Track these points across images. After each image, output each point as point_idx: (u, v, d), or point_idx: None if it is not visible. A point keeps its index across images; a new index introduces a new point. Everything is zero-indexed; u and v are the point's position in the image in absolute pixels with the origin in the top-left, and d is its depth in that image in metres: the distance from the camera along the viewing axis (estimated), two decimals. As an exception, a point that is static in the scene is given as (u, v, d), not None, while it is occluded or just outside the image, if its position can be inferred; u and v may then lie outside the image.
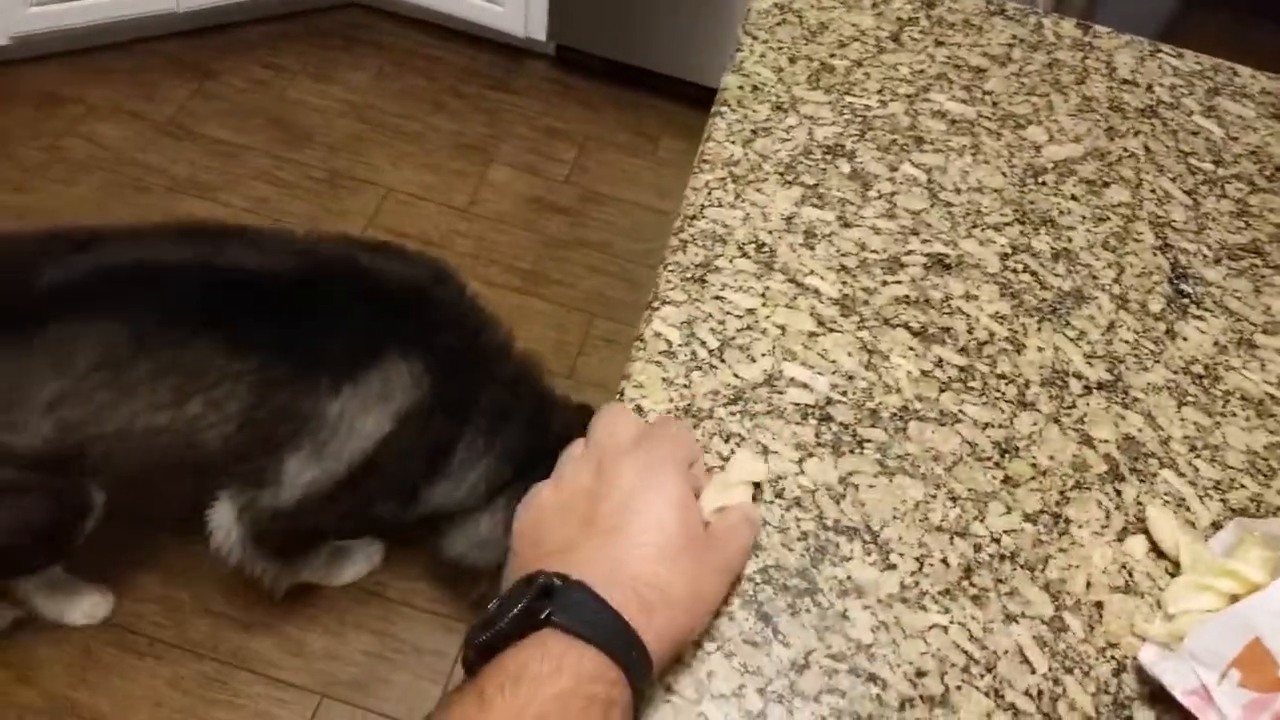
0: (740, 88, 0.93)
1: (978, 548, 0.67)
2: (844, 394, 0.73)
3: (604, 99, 2.69)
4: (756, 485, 0.66)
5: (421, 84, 2.59)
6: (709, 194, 0.84)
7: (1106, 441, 0.72)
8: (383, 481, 1.32)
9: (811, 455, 0.70)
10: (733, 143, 0.89)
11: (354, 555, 1.64)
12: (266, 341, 1.19)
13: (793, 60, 0.96)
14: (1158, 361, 0.78)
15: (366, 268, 1.31)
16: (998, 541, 0.67)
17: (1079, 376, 0.76)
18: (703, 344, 0.75)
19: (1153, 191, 0.90)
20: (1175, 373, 0.77)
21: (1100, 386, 0.76)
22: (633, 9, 2.52)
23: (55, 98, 2.39)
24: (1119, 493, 0.70)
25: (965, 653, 0.62)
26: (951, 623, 0.63)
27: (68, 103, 2.39)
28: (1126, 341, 0.79)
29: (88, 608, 1.54)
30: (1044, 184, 0.89)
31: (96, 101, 2.40)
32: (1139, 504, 0.69)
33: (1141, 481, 0.71)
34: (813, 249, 0.81)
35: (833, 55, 0.97)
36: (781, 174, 0.87)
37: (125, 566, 1.63)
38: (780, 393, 0.72)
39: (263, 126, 2.43)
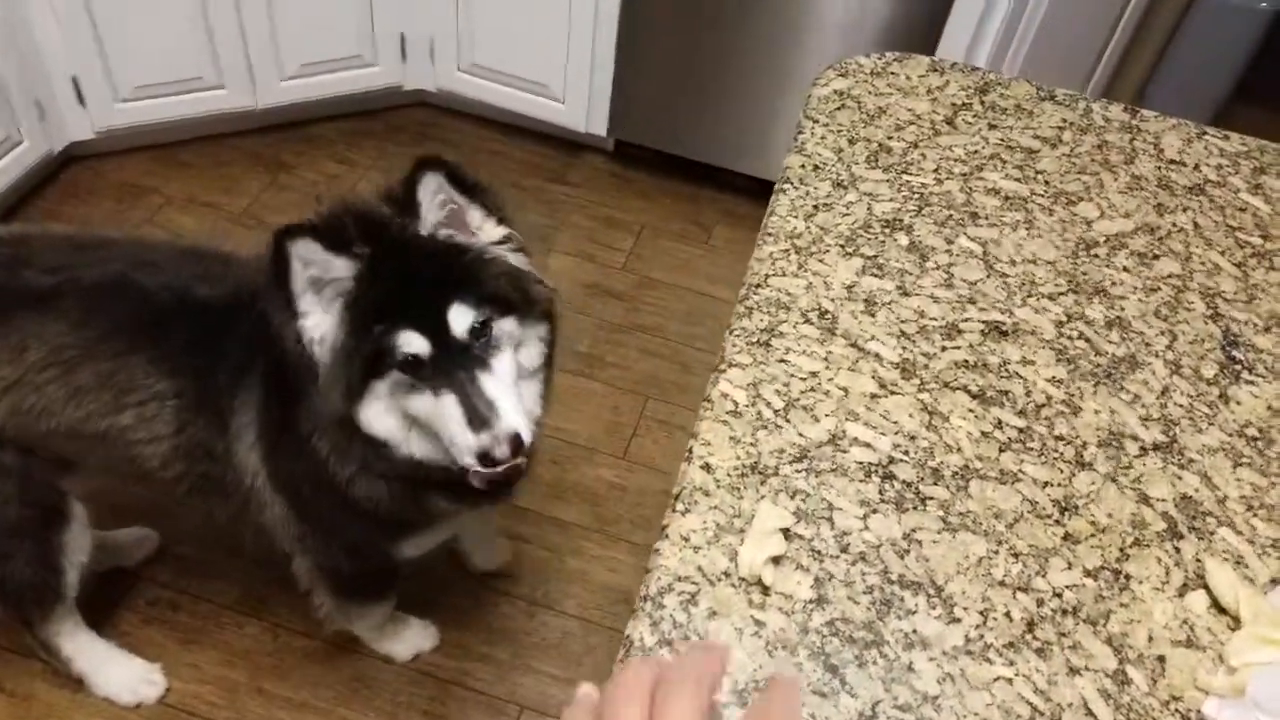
0: (802, 166, 0.98)
1: (1040, 602, 0.68)
2: (906, 453, 0.76)
3: (660, 190, 2.78)
4: (785, 531, 0.70)
5: (486, 177, 2.70)
6: (773, 264, 0.89)
7: (1164, 500, 0.74)
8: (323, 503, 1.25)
9: (875, 511, 0.72)
10: (795, 217, 0.93)
11: (409, 631, 1.66)
12: (188, 368, 1.19)
13: (852, 142, 1.01)
14: (1212, 424, 0.79)
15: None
16: (1060, 596, 0.68)
17: (1135, 438, 0.78)
18: (768, 404, 0.78)
19: (1202, 264, 0.93)
20: (1230, 435, 0.79)
21: (1156, 448, 0.77)
22: (688, 105, 2.63)
23: (137, 189, 2.52)
24: (1178, 549, 0.71)
25: (1030, 704, 0.63)
26: (1016, 675, 0.64)
27: (148, 194, 2.52)
28: (1181, 405, 0.81)
29: (136, 683, 1.56)
30: (1096, 256, 0.93)
31: (175, 193, 2.53)
32: (1198, 561, 0.71)
33: (1200, 539, 0.72)
34: (873, 315, 0.85)
35: (890, 137, 1.02)
36: (842, 246, 0.91)
37: (180, 646, 1.66)
38: (844, 451, 0.75)
39: (333, 216, 2.53)
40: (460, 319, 0.98)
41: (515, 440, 0.98)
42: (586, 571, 1.81)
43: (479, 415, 0.99)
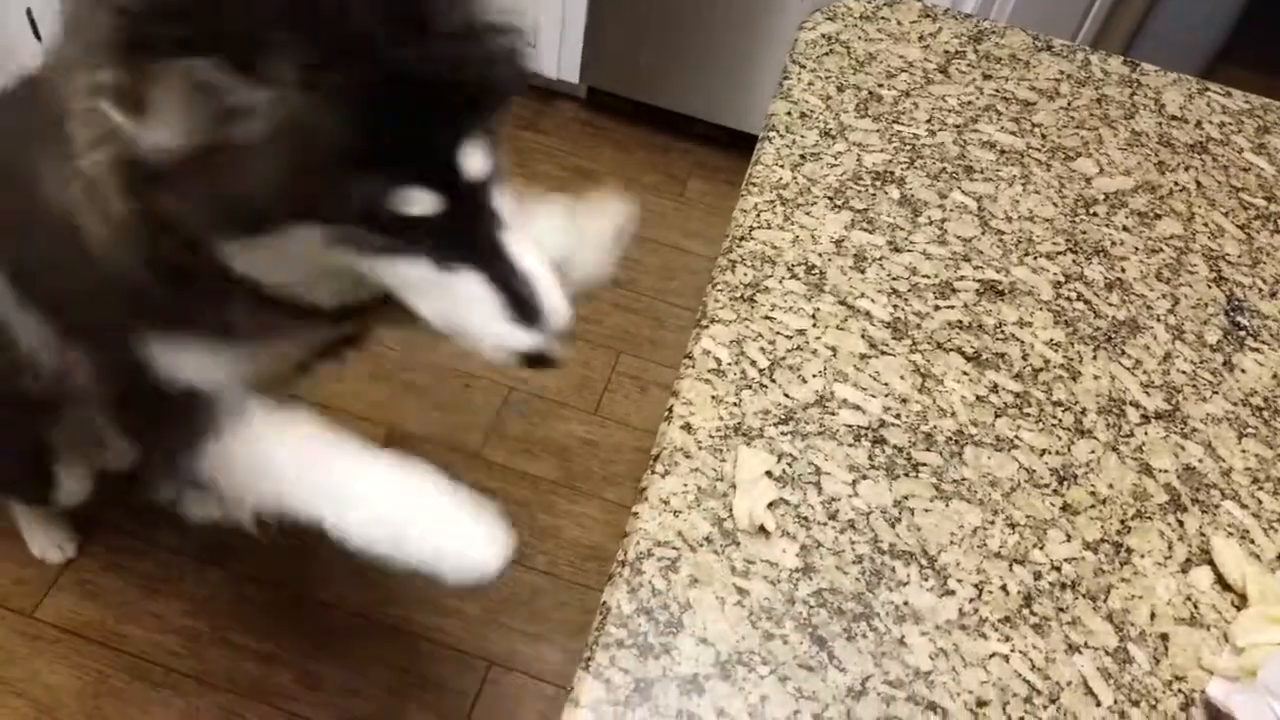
0: (788, 114, 0.93)
1: (1038, 575, 0.65)
2: (897, 417, 0.72)
3: (633, 140, 2.71)
4: (768, 473, 0.67)
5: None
6: (757, 216, 0.84)
7: (1166, 471, 0.71)
8: None
9: (865, 478, 0.68)
10: (781, 167, 0.88)
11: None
12: None
13: (840, 89, 0.96)
14: (1216, 393, 0.76)
15: None
16: (1058, 570, 0.65)
17: (1136, 405, 0.74)
18: (752, 363, 0.73)
19: (1205, 225, 0.89)
20: (1234, 404, 0.75)
21: (1158, 416, 0.74)
22: (663, 53, 2.55)
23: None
24: (1181, 523, 0.68)
25: (1028, 683, 0.60)
26: (1013, 651, 0.61)
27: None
28: (1184, 372, 0.77)
29: (48, 546, 1.59)
30: (1095, 215, 0.88)
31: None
32: (1202, 535, 0.68)
33: (1204, 512, 0.69)
34: (863, 272, 0.81)
35: (880, 85, 0.97)
36: (830, 198, 0.86)
37: (143, 594, 1.61)
38: (832, 414, 0.71)
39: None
40: (475, 159, 0.66)
41: (570, 332, 0.71)
42: (558, 527, 1.77)
43: (524, 302, 0.69)
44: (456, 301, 0.70)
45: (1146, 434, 0.73)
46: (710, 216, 2.51)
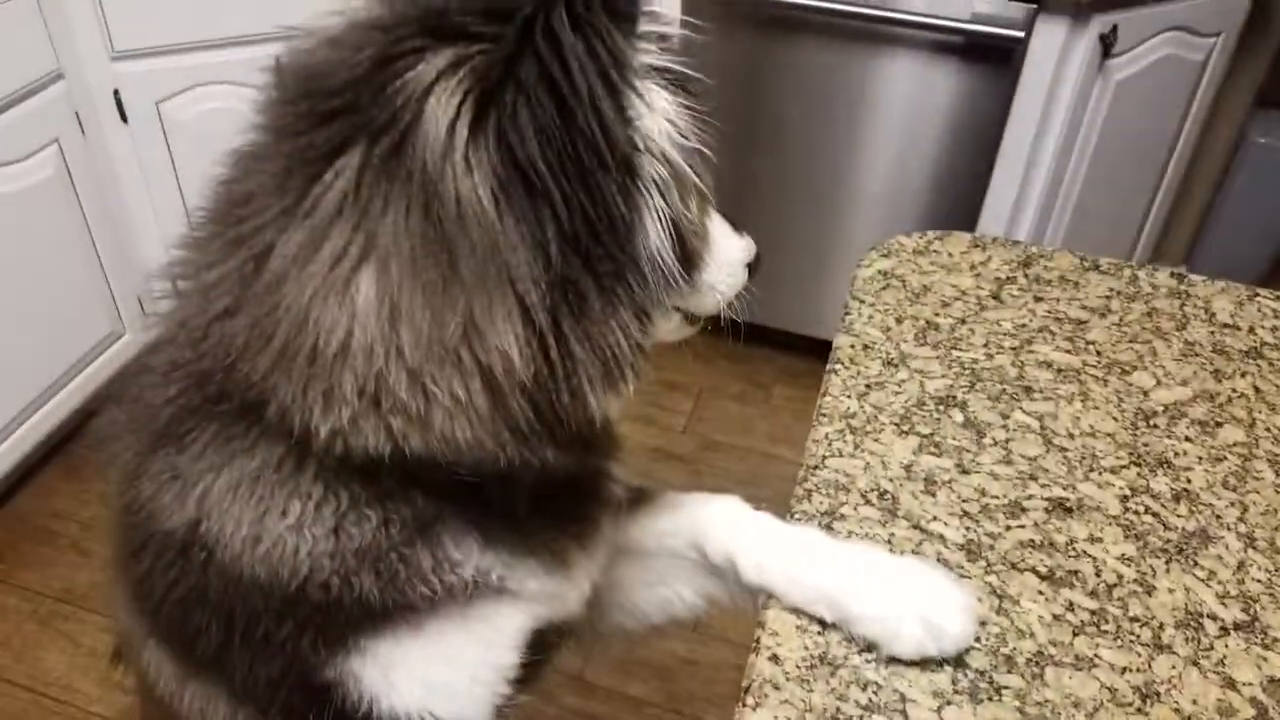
0: (852, 346, 1.01)
1: (1130, 798, 0.66)
2: (977, 640, 0.74)
3: (716, 352, 2.83)
4: (855, 701, 0.69)
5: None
6: (829, 445, 0.90)
7: (1250, 684, 0.72)
8: None
9: (950, 703, 0.71)
10: (848, 397, 0.95)
11: None
12: None
13: (899, 320, 1.04)
14: (1296, 600, 0.77)
15: None
16: (1150, 792, 0.66)
17: (1214, 617, 0.76)
18: (833, 591, 0.78)
19: (1268, 430, 0.92)
20: (1316, 612, 0.76)
21: (1237, 627, 0.75)
22: (741, 269, 2.71)
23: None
24: (1273, 739, 0.69)
25: None
26: None
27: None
28: (1259, 580, 0.79)
29: None
30: (1156, 426, 0.92)
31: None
32: (1296, 751, 0.68)
33: (1295, 727, 0.69)
34: (934, 495, 0.85)
35: (937, 314, 1.05)
36: (897, 424, 0.92)
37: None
38: (912, 639, 0.74)
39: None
40: None
41: None
42: (661, 753, 1.76)
43: (728, 218, 0.82)
44: (723, 236, 0.80)
45: (1227, 646, 0.74)
46: (797, 422, 2.58)
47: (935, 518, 0.84)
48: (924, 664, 0.73)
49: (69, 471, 2.35)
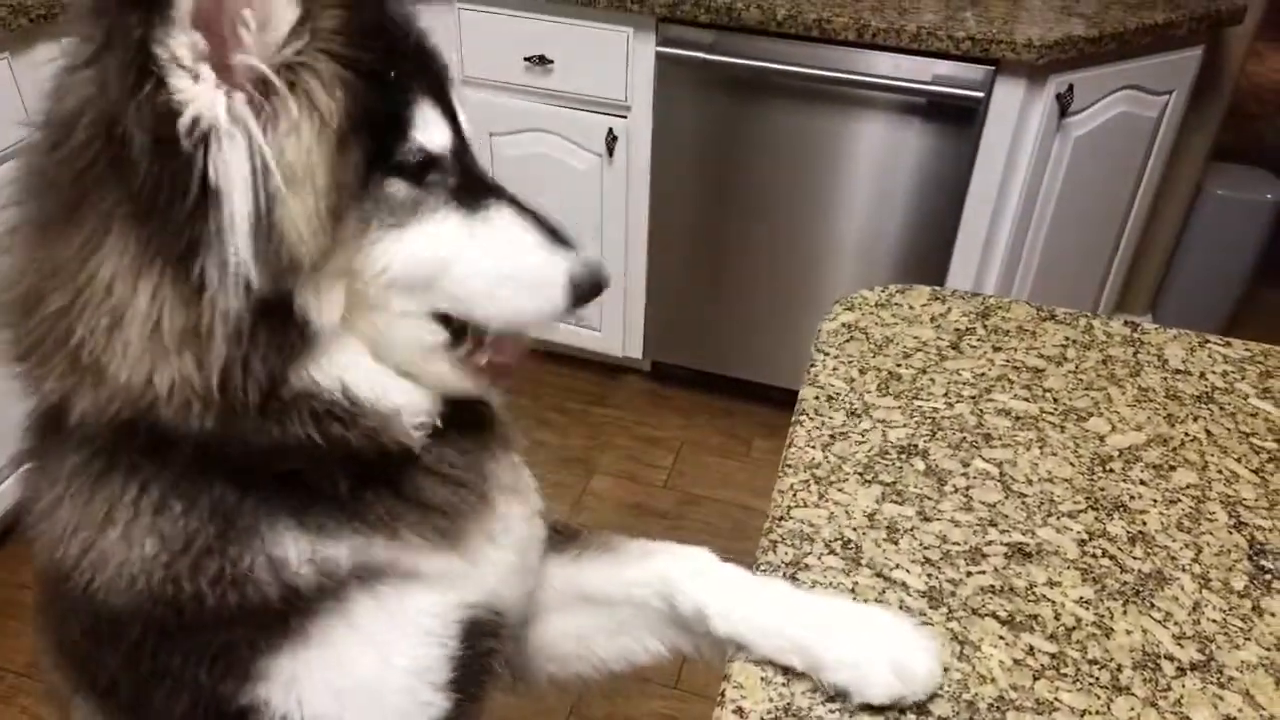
0: (816, 398, 1.03)
1: (1090, 839, 0.66)
2: (940, 687, 0.76)
3: (697, 406, 2.85)
4: None
5: (527, 404, 2.80)
6: (794, 495, 0.92)
7: (1208, 724, 0.73)
8: None
9: (912, 748, 0.72)
10: (813, 447, 0.97)
11: None
12: None
13: (862, 371, 1.07)
14: (1248, 639, 0.79)
15: None
16: (1110, 832, 0.67)
17: (1171, 658, 0.78)
18: (798, 640, 0.79)
19: (1220, 472, 0.95)
20: (1268, 649, 0.78)
21: (1194, 667, 0.77)
22: (719, 326, 2.74)
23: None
24: (1229, 777, 0.70)
25: None
26: None
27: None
28: (1214, 620, 0.81)
29: None
30: (1112, 471, 0.95)
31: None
32: (1252, 788, 0.69)
33: (1251, 764, 0.70)
34: (896, 543, 0.87)
35: (899, 365, 1.07)
36: (860, 474, 0.94)
37: None
38: (876, 685, 0.76)
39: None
40: (462, 111, 0.71)
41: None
42: (642, 812, 1.75)
43: (553, 230, 0.72)
44: (498, 243, 0.71)
45: (1184, 686, 0.75)
46: (777, 473, 2.59)
47: (898, 565, 0.85)
48: (888, 711, 0.74)
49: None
